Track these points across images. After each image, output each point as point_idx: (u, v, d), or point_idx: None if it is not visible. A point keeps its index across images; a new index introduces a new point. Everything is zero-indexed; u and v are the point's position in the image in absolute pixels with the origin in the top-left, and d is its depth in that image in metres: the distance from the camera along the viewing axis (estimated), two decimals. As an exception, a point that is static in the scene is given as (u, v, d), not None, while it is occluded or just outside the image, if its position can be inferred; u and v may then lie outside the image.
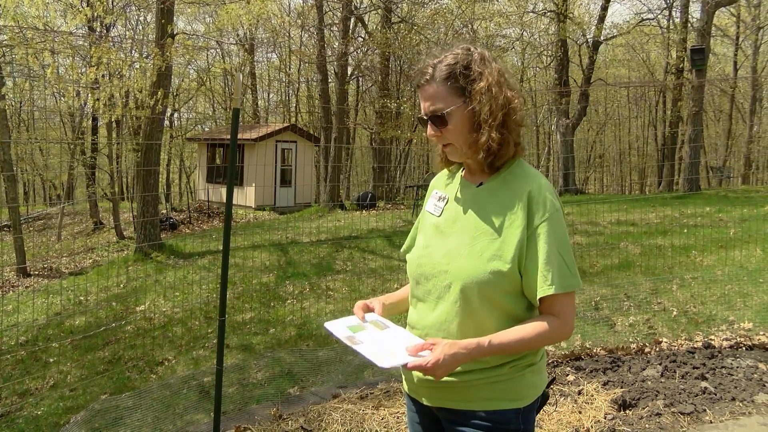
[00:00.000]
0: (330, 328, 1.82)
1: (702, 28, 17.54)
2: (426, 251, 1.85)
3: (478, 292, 1.69)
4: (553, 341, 1.74)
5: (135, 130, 16.78)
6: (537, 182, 1.75)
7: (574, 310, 1.74)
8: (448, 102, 1.74)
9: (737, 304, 6.67)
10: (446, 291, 1.75)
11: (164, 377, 6.42)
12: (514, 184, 1.76)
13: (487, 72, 1.75)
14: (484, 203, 1.78)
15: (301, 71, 31.00)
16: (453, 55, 1.77)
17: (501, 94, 1.75)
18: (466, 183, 1.87)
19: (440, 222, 1.86)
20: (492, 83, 1.74)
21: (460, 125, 1.75)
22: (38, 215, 23.54)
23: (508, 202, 1.74)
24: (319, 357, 6.06)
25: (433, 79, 1.75)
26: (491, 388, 1.72)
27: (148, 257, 12.00)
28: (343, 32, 19.53)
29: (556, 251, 1.68)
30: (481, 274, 1.69)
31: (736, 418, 3.89)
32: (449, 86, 1.74)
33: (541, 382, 1.82)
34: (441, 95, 1.75)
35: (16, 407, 6.24)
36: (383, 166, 22.52)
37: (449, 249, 1.78)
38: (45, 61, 11.76)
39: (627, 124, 34.44)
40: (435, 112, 1.75)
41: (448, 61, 1.75)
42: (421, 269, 1.84)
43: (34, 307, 10.01)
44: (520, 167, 1.81)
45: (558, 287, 1.66)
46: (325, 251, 11.24)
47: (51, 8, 11.80)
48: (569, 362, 5.03)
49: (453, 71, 1.74)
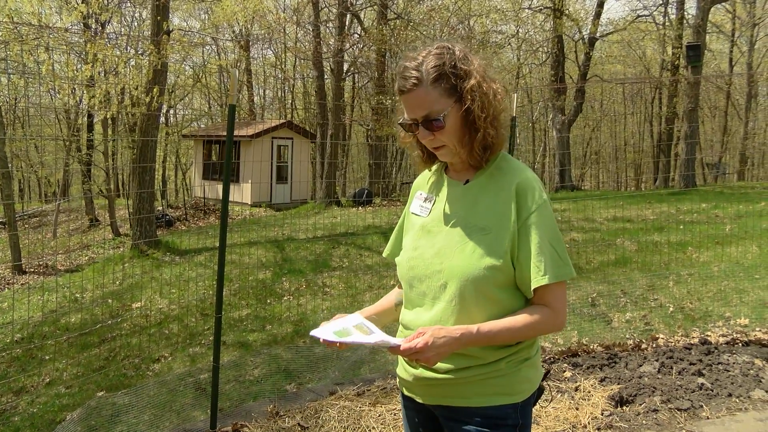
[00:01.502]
0: (316, 335, 1.78)
1: (698, 25, 17.58)
2: (416, 252, 1.83)
3: (474, 289, 1.69)
4: (545, 332, 1.73)
5: (131, 127, 16.74)
6: (523, 175, 1.74)
7: (566, 301, 1.73)
8: (442, 104, 1.70)
9: (733, 300, 6.69)
10: (442, 291, 1.74)
11: (161, 374, 6.41)
12: (501, 178, 1.75)
13: (473, 69, 1.72)
14: (473, 200, 1.77)
15: (297, 68, 30.93)
16: (434, 55, 1.71)
17: (490, 89, 1.73)
18: (452, 182, 1.85)
19: (428, 222, 1.84)
20: (480, 80, 1.71)
21: (455, 126, 1.72)
22: (34, 212, 23.47)
23: (497, 197, 1.73)
24: (315, 354, 6.05)
25: (421, 82, 1.69)
26: (487, 383, 1.72)
27: (144, 254, 11.97)
28: (339, 28, 19.49)
29: (547, 242, 1.68)
30: (476, 271, 1.68)
31: (733, 414, 3.90)
32: (441, 87, 1.70)
33: (536, 376, 1.82)
34: (433, 98, 1.69)
35: (11, 405, 6.22)
36: (379, 163, 22.50)
37: (440, 248, 1.77)
38: (40, 58, 11.72)
39: (623, 120, 34.49)
40: (430, 116, 1.70)
41: (434, 62, 1.70)
42: (413, 271, 1.82)
43: (30, 305, 9.98)
44: (505, 161, 1.79)
45: (551, 277, 1.66)
46: (322, 248, 11.23)
47: (46, 5, 11.75)
48: (566, 359, 5.04)
49: (442, 72, 1.69)
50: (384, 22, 19.50)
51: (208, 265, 10.68)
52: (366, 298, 8.28)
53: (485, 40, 21.82)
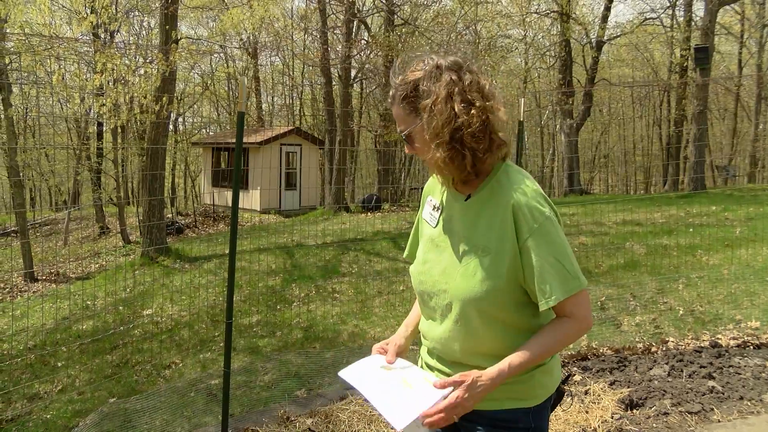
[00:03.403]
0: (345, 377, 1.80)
1: (706, 27, 17.52)
2: (425, 267, 1.87)
3: (477, 310, 1.70)
4: (574, 340, 1.75)
5: (140, 135, 16.85)
6: (520, 191, 1.70)
7: (588, 305, 1.73)
8: (407, 122, 1.76)
9: (744, 303, 6.66)
10: (448, 310, 1.77)
11: (172, 380, 6.44)
12: (500, 194, 1.73)
13: (435, 88, 1.69)
14: (473, 218, 1.77)
15: (305, 74, 31.04)
16: (410, 72, 1.75)
17: (446, 110, 1.67)
18: (455, 194, 1.85)
19: (435, 235, 1.87)
20: (438, 99, 1.68)
21: (422, 143, 1.76)
22: (45, 220, 23.62)
23: (495, 216, 1.72)
24: (326, 359, 6.07)
25: (394, 100, 1.78)
26: (500, 389, 1.72)
27: (155, 261, 12.03)
28: (347, 35, 19.56)
29: (552, 259, 1.65)
30: (477, 293, 1.69)
31: (745, 417, 3.88)
32: (405, 105, 1.75)
33: (551, 382, 1.83)
34: (401, 116, 1.78)
35: (26, 411, 6.27)
36: (388, 169, 22.52)
37: (445, 266, 1.79)
38: (50, 68, 11.83)
39: (631, 123, 34.38)
40: (401, 132, 1.79)
41: (403, 81, 1.75)
42: (422, 286, 1.86)
43: (42, 312, 10.05)
44: (506, 174, 1.76)
45: (561, 294, 1.64)
46: (331, 254, 11.26)
47: (56, 16, 11.86)
48: (576, 362, 5.04)
49: (405, 92, 1.74)
50: (391, 29, 19.56)
51: (218, 271, 10.72)
52: (375, 304, 8.29)
53: (492, 45, 21.83)
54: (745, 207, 12.59)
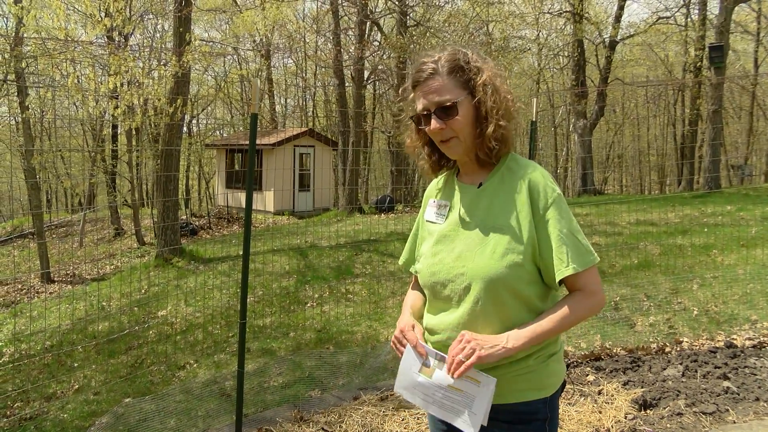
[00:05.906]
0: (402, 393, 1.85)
1: (721, 25, 17.35)
2: (436, 258, 1.86)
3: (498, 287, 1.72)
4: (589, 315, 1.79)
5: (154, 137, 16.98)
6: (534, 172, 1.79)
7: (600, 282, 1.79)
8: (455, 93, 1.78)
9: (760, 303, 6.60)
10: (466, 293, 1.77)
11: (186, 381, 6.49)
12: (513, 177, 1.81)
13: (485, 67, 1.82)
14: (488, 202, 1.81)
15: (318, 76, 31.13)
16: (449, 53, 1.81)
17: (503, 87, 1.82)
18: (464, 186, 1.89)
19: (445, 228, 1.88)
20: (492, 76, 1.80)
21: (467, 117, 1.79)
22: (61, 222, 23.85)
23: (511, 197, 1.77)
24: (339, 360, 6.09)
25: (437, 72, 1.79)
26: (519, 380, 1.76)
27: (169, 263, 12.12)
28: (359, 36, 19.61)
29: (567, 232, 1.72)
30: (498, 269, 1.71)
31: (761, 419, 3.85)
32: (455, 78, 1.79)
33: (561, 370, 1.87)
34: (448, 87, 1.78)
35: (43, 410, 6.35)
36: (401, 169, 22.51)
37: (460, 252, 1.80)
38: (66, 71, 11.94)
39: (645, 123, 34.15)
40: (443, 103, 1.77)
41: (449, 57, 1.80)
42: (435, 277, 1.85)
43: (59, 313, 10.15)
44: (515, 161, 1.85)
45: (578, 265, 1.70)
46: (344, 255, 11.28)
47: (71, 19, 11.99)
48: (589, 362, 5.02)
49: (457, 65, 1.79)
50: (404, 30, 19.57)
51: (232, 273, 10.78)
52: (389, 305, 8.30)
53: (505, 46, 21.76)
54: (761, 206, 12.47)
